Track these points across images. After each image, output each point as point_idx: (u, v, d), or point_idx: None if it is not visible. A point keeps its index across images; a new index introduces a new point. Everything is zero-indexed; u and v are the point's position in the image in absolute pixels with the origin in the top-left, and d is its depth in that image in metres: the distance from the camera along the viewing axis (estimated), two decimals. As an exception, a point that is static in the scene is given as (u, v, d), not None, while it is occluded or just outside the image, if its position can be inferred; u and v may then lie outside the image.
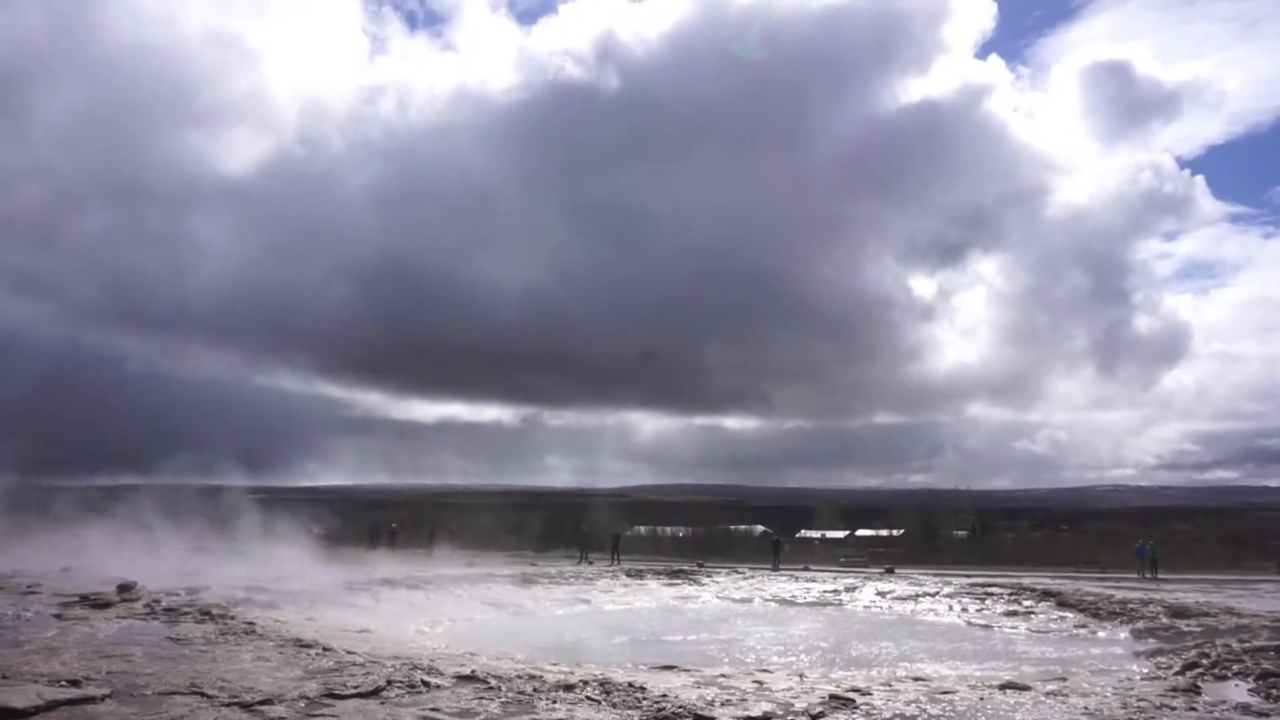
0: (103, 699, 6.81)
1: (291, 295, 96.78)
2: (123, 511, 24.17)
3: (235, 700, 6.91)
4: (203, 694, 7.10)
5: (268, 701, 6.94)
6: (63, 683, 7.23)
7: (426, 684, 7.92)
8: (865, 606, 21.25)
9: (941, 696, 8.36)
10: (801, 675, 9.93)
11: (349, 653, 9.61)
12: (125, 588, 14.73)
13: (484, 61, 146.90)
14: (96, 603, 13.39)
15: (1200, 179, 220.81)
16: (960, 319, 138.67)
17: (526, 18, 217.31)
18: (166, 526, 24.01)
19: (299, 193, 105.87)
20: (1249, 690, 9.50)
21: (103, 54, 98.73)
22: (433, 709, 7.02)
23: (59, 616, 11.91)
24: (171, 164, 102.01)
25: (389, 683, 7.83)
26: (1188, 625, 14.82)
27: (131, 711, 6.47)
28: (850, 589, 23.57)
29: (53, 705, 6.46)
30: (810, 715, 7.33)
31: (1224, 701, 8.62)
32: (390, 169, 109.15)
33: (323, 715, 6.60)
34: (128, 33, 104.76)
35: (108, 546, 20.92)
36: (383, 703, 7.20)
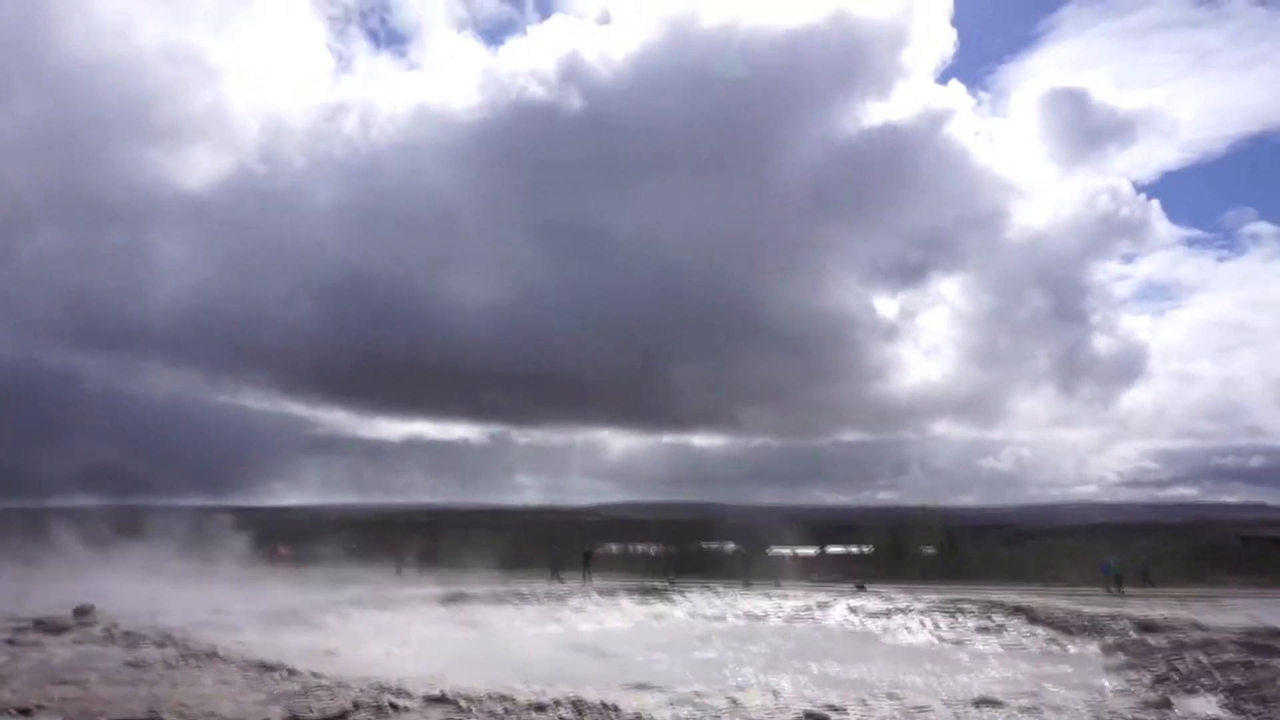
0: (55, 727, 6.56)
1: (253, 313, 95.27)
2: (80, 533, 23.54)
3: (195, 726, 6.70)
4: (161, 720, 6.87)
5: (229, 727, 6.73)
6: (13, 712, 6.96)
7: (395, 706, 7.73)
8: (838, 623, 21.22)
9: (916, 713, 8.33)
10: (776, 693, 9.86)
11: (315, 675, 9.37)
12: (82, 611, 14.32)
13: (450, 81, 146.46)
14: (51, 627, 13.00)
15: (1156, 203, 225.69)
16: (923, 339, 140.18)
17: (493, 39, 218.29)
18: (126, 548, 23.43)
19: (261, 210, 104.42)
20: (1219, 704, 9.58)
21: (56, 68, 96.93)
22: (401, 733, 6.84)
23: (11, 642, 11.52)
24: (129, 181, 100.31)
25: (356, 705, 7.63)
26: (1156, 640, 14.95)
27: (86, 739, 6.24)
28: (822, 605, 23.54)
29: (2, 734, 6.21)
30: (786, 734, 7.25)
31: (1195, 715, 8.68)
32: (354, 187, 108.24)
33: (287, 741, 6.40)
34: (82, 47, 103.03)
35: (64, 569, 20.34)
36: (350, 727, 7.01)
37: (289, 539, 39.61)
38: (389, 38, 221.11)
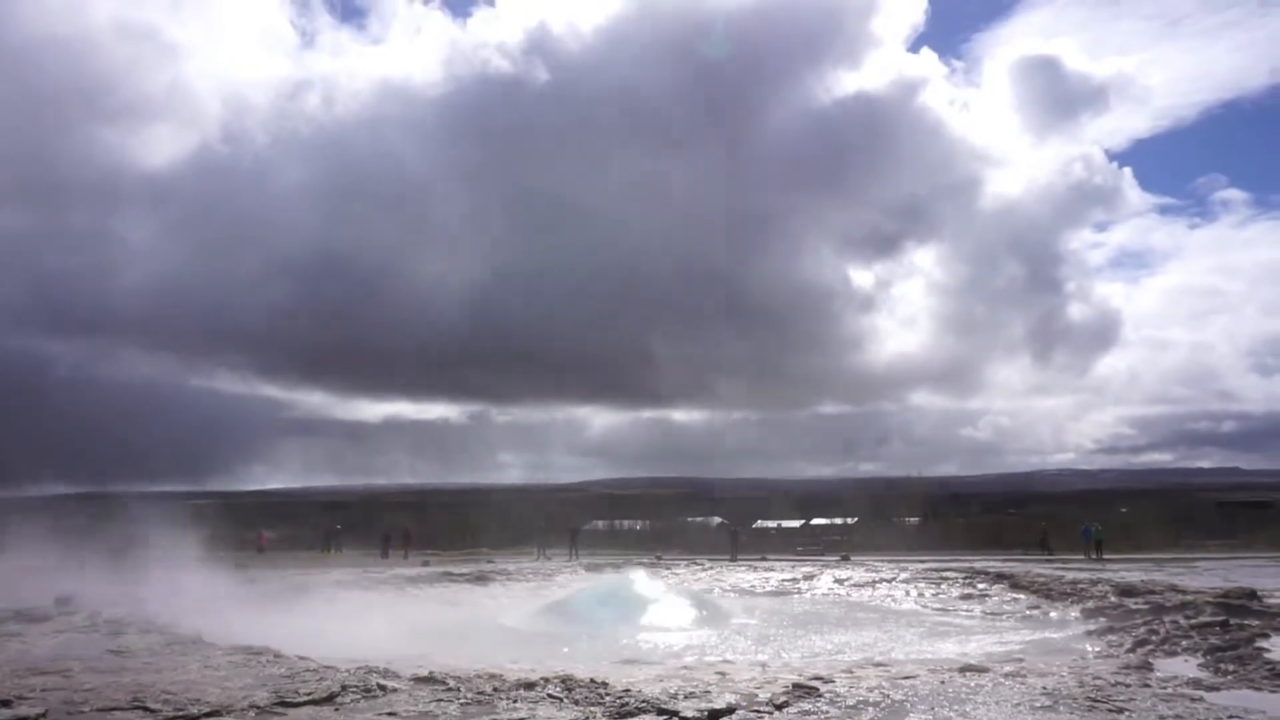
0: (37, 718, 6.46)
1: (225, 294, 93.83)
2: (58, 522, 23.27)
3: (180, 713, 6.62)
4: (145, 708, 6.79)
5: (215, 713, 6.66)
6: (-7, 702, 6.86)
7: (383, 687, 7.69)
8: (824, 594, 21.42)
9: (903, 681, 8.39)
10: (764, 665, 9.92)
11: (301, 658, 9.31)
12: (63, 601, 14.17)
13: (417, 56, 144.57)
14: (31, 617, 12.85)
15: (1128, 171, 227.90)
16: (899, 309, 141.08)
17: (460, 11, 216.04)
18: (106, 536, 23.18)
19: (227, 189, 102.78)
20: (1199, 665, 9.74)
21: (11, 48, 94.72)
22: (389, 713, 6.81)
23: (-9, 632, 11.37)
24: (90, 162, 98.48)
25: (344, 688, 7.58)
26: (1135, 603, 15.17)
27: (68, 729, 6.15)
28: (808, 577, 23.74)
29: (-18, 726, 6.11)
30: (774, 705, 7.28)
31: (1176, 677, 8.81)
32: (322, 164, 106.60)
33: (274, 725, 6.35)
34: (36, 26, 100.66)
35: (44, 559, 20.11)
36: (337, 709, 6.97)
37: (272, 523, 39.45)
38: (353, 12, 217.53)
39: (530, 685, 7.89)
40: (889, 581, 22.02)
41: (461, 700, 7.32)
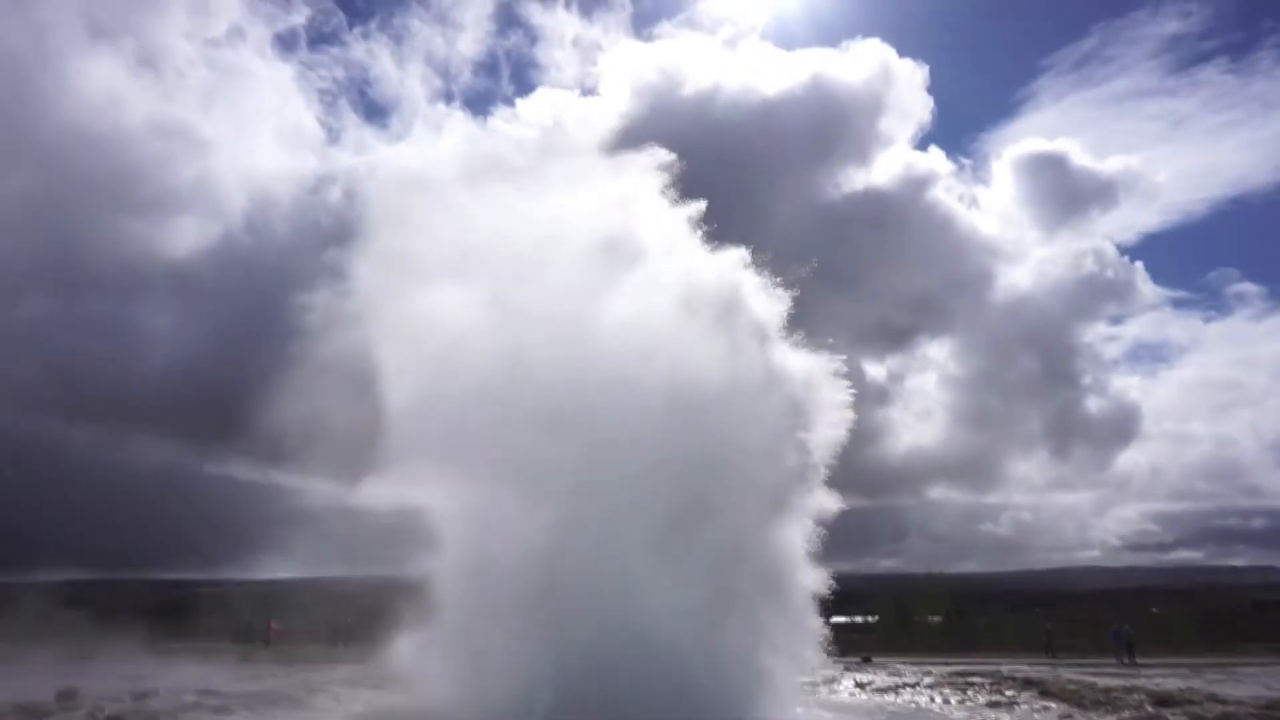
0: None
1: (241, 383, 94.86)
2: (66, 610, 23.01)
3: (181, 824, 6.38)
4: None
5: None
6: (-10, 808, 6.65)
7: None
8: (846, 700, 20.63)
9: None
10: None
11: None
12: (66, 695, 13.90)
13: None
14: (33, 712, 12.59)
15: (1140, 265, 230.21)
16: (914, 403, 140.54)
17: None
18: (113, 625, 22.87)
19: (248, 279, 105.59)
20: (1246, 785, 9.24)
21: (46, 143, 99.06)
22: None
23: (-9, 729, 11.12)
24: (116, 252, 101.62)
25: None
26: (1173, 715, 14.53)
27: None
28: (828, 680, 22.92)
29: (-23, 835, 5.90)
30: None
31: (1223, 799, 8.35)
32: (340, 255, 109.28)
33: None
34: (71, 122, 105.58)
35: (48, 648, 19.80)
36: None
37: (281, 613, 38.73)
38: (377, 111, 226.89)
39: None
40: (913, 686, 21.23)
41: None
